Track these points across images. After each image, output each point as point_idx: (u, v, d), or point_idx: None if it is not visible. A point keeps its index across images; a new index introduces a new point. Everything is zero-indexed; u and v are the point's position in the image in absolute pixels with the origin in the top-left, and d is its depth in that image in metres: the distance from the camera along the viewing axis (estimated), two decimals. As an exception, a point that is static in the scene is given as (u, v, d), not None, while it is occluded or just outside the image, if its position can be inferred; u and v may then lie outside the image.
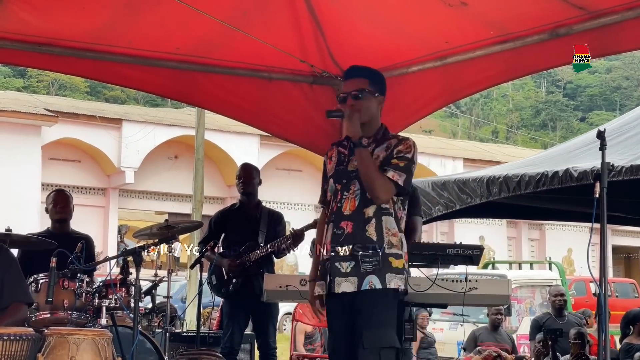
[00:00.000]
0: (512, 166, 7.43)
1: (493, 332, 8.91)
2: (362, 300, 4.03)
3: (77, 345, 3.82)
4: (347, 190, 4.19)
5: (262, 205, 6.58)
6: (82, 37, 6.19)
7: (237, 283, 6.18)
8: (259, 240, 6.29)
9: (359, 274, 4.05)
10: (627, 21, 5.08)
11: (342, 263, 4.08)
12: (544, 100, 59.49)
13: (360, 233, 4.10)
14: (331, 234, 4.17)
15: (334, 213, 4.21)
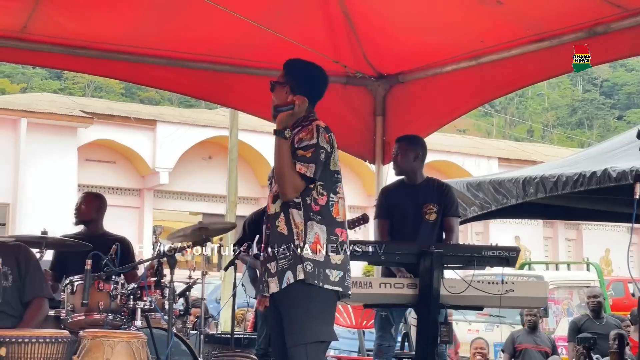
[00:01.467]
0: (548, 166, 7.35)
1: (532, 333, 8.79)
2: (282, 298, 3.94)
3: (112, 347, 3.83)
4: (270, 190, 4.11)
5: None
6: (117, 40, 6.24)
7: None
8: None
9: (279, 272, 3.94)
10: (666, 19, 5.01)
11: (271, 263, 4.00)
12: (580, 98, 58.89)
13: (274, 230, 4.00)
14: (265, 236, 4.11)
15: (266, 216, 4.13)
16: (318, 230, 3.94)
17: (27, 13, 5.68)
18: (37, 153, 23.04)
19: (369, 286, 5.08)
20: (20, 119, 23.02)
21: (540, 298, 5.26)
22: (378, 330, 5.77)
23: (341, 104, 7.06)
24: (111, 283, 4.97)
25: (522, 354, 8.72)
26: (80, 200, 6.18)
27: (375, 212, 5.87)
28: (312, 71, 4.29)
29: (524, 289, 5.17)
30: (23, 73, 46.91)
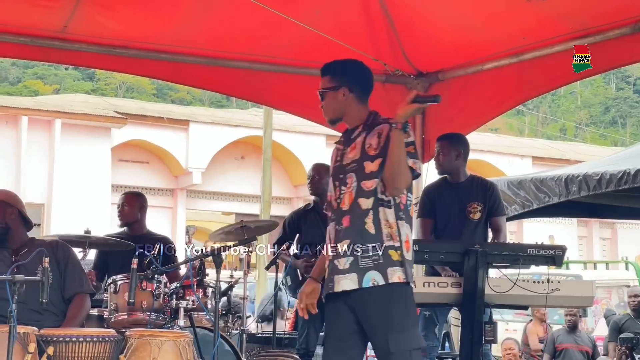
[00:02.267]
0: (591, 165, 7.27)
1: (572, 333, 8.70)
2: (363, 297, 3.81)
3: (158, 346, 3.82)
4: (344, 185, 3.96)
5: None
6: (157, 39, 6.24)
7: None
8: None
9: (359, 270, 3.81)
10: None
11: (340, 259, 3.87)
12: (614, 96, 58.33)
13: (358, 227, 3.87)
14: (333, 232, 3.96)
15: (334, 211, 3.99)
16: (407, 230, 3.92)
17: (67, 13, 5.70)
18: (71, 154, 23.21)
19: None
20: (54, 120, 23.20)
21: (587, 297, 5.19)
22: (422, 330, 5.71)
23: (380, 102, 6.94)
24: (154, 282, 4.97)
25: (562, 354, 8.63)
26: (122, 202, 6.17)
27: (417, 211, 5.83)
28: (359, 65, 4.25)
29: (570, 288, 5.11)
30: (56, 74, 47.33)
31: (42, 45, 6.02)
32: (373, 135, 3.96)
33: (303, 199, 6.62)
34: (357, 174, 3.93)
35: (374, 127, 3.99)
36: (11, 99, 25.76)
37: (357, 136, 4.01)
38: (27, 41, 5.95)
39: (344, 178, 3.97)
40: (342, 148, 4.07)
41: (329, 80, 4.15)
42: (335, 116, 4.11)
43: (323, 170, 6.43)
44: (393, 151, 3.81)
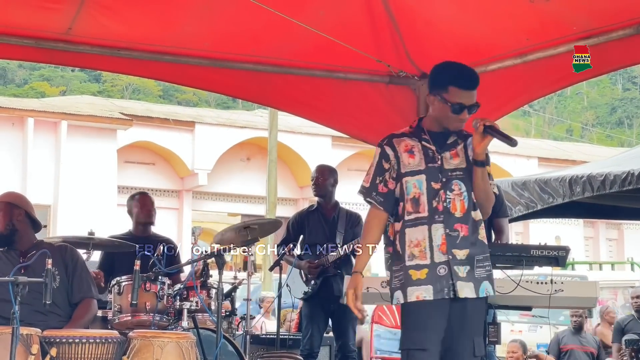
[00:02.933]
0: (595, 166, 7.25)
1: (577, 334, 8.69)
2: (475, 307, 3.92)
3: (161, 348, 3.83)
4: (450, 191, 3.96)
5: (340, 206, 6.51)
6: (161, 41, 6.25)
7: (316, 285, 6.15)
8: (336, 242, 6.22)
9: (474, 279, 3.91)
10: None
11: (459, 267, 3.90)
12: (620, 97, 58.23)
13: (475, 236, 3.95)
14: (444, 235, 3.92)
15: (439, 213, 3.94)
16: None
17: (71, 15, 5.71)
18: (78, 155, 23.27)
19: (415, 286, 5.02)
20: (60, 122, 23.26)
21: (590, 298, 5.19)
22: (424, 331, 5.72)
23: (384, 104, 7.01)
24: (158, 284, 4.98)
25: (567, 355, 8.62)
26: (144, 202, 6.22)
27: None
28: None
29: (573, 289, 5.10)
30: (62, 76, 47.44)
31: (46, 47, 6.02)
32: (469, 147, 4.04)
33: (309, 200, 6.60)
34: (465, 184, 4.00)
35: (465, 137, 4.07)
36: (17, 101, 25.84)
37: (455, 143, 4.05)
38: (31, 43, 5.95)
39: (448, 183, 3.97)
40: (435, 150, 4.04)
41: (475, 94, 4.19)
42: None
43: (327, 172, 6.45)
44: (480, 185, 3.96)
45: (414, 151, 4.04)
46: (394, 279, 3.98)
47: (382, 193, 4.05)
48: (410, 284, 3.88)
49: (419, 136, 4.08)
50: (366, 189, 4.12)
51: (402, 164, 4.02)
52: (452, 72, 4.13)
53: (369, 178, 4.13)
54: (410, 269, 3.90)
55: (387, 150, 4.09)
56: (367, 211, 4.15)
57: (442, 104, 4.00)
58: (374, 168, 4.12)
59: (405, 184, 3.99)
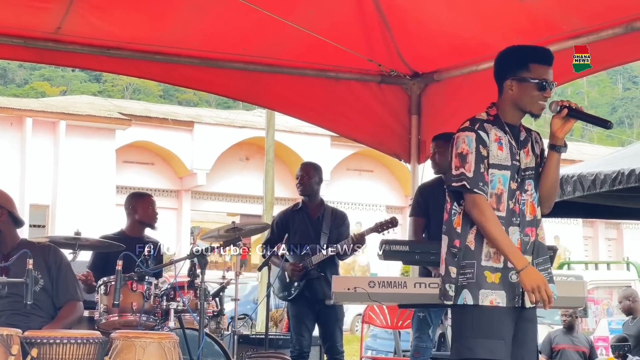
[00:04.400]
0: (587, 165, 7.23)
1: (569, 334, 8.66)
2: (535, 316, 3.79)
3: (143, 348, 3.82)
4: (524, 192, 3.75)
5: (326, 204, 6.40)
6: (151, 40, 6.24)
7: (299, 286, 6.07)
8: (320, 242, 6.13)
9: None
10: None
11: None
12: (621, 97, 58.20)
13: (539, 240, 3.79)
14: (519, 240, 3.69)
15: (515, 215, 3.70)
16: None
17: (60, 14, 5.70)
18: (76, 155, 23.27)
19: (403, 286, 5.00)
20: (59, 121, 23.27)
21: (579, 298, 5.15)
22: (416, 331, 5.72)
23: (376, 103, 7.02)
24: (144, 284, 4.97)
25: (559, 355, 8.61)
26: (150, 203, 6.12)
27: (410, 210, 5.81)
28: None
29: (562, 288, 5.04)
30: (62, 76, 47.43)
31: (35, 47, 6.02)
32: (536, 142, 3.87)
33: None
34: (534, 183, 3.80)
35: (530, 132, 3.86)
36: (16, 101, 25.83)
37: (526, 140, 3.82)
38: (20, 42, 5.95)
39: (522, 183, 3.76)
40: (515, 146, 3.76)
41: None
42: None
43: (312, 170, 6.40)
44: (554, 173, 3.79)
45: (502, 143, 3.73)
46: (461, 275, 3.65)
47: (487, 183, 3.68)
48: (484, 286, 3.61)
49: (502, 127, 3.76)
50: (471, 179, 3.65)
51: (492, 154, 3.69)
52: (529, 50, 3.90)
53: (469, 166, 3.67)
54: (486, 269, 3.64)
55: (482, 135, 3.70)
56: (474, 203, 3.65)
57: (525, 85, 3.71)
58: (473, 155, 3.67)
59: (490, 177, 3.69)
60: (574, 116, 3.68)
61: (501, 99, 3.81)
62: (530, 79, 3.70)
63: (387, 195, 28.97)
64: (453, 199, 3.80)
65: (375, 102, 7.00)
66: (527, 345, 3.73)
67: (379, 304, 6.38)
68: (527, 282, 3.55)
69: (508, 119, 3.77)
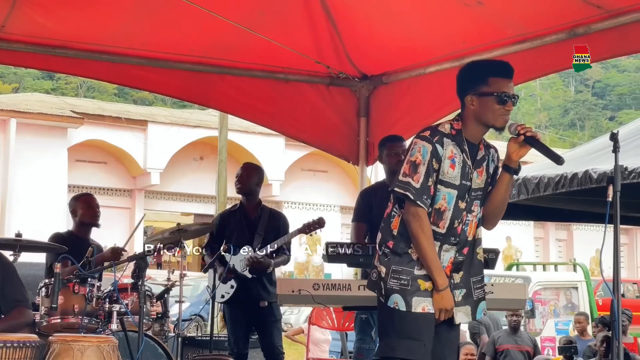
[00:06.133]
0: (532, 168, 7.31)
1: (513, 334, 8.77)
2: (458, 333, 3.90)
3: (81, 352, 3.78)
4: (470, 212, 3.76)
5: (264, 205, 6.35)
6: (97, 40, 6.18)
7: (234, 289, 6.02)
8: (254, 244, 6.07)
9: (472, 302, 3.80)
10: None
11: (456, 291, 3.74)
12: (573, 99, 58.98)
13: (472, 258, 3.81)
14: (452, 259, 3.74)
15: (456, 235, 3.73)
16: None
17: (5, 12, 5.63)
18: (27, 153, 23.00)
19: (347, 288, 5.04)
20: (9, 119, 22.98)
21: (520, 300, 5.21)
22: (358, 333, 5.73)
23: (325, 105, 7.03)
24: (87, 286, 4.92)
25: (503, 355, 8.70)
26: (91, 203, 6.11)
27: (353, 215, 5.81)
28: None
29: (503, 291, 5.12)
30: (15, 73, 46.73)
31: (-22, 45, 5.94)
32: (492, 161, 3.85)
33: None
34: (480, 204, 3.81)
35: (489, 150, 3.86)
36: (-35, 98, 25.45)
37: (482, 159, 3.81)
38: (-38, 41, 5.87)
39: (470, 204, 3.76)
40: (470, 165, 3.76)
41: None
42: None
43: (252, 170, 6.36)
44: (504, 193, 3.82)
45: (456, 161, 3.71)
46: (392, 279, 3.68)
47: (430, 196, 3.68)
48: (418, 294, 3.65)
49: (461, 145, 3.74)
50: (417, 190, 3.66)
51: (442, 170, 3.69)
52: (488, 65, 3.94)
53: (418, 177, 3.67)
54: (419, 278, 3.67)
55: (439, 149, 3.69)
56: (415, 215, 3.66)
57: (485, 99, 3.69)
58: (424, 167, 3.67)
59: (436, 192, 3.69)
60: (530, 144, 3.69)
61: (464, 114, 3.81)
62: (490, 93, 3.70)
63: (341, 195, 29.04)
64: (395, 201, 3.83)
65: (324, 104, 7.01)
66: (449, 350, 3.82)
67: (326, 307, 6.39)
68: (440, 303, 3.67)
69: (470, 134, 3.78)
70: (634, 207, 7.08)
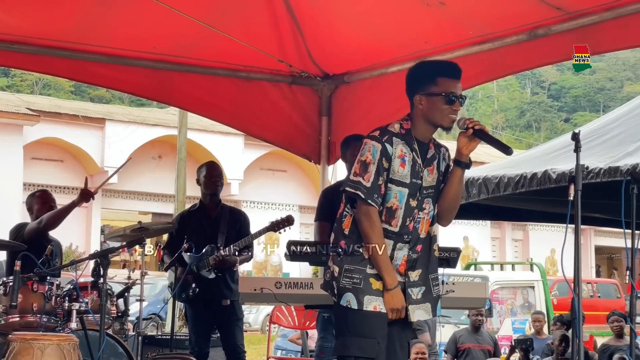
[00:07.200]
0: (491, 167, 7.38)
1: (474, 333, 8.85)
2: (410, 329, 3.95)
3: (41, 350, 3.74)
4: (422, 210, 3.80)
5: (223, 204, 6.33)
6: (57, 36, 6.10)
7: (196, 288, 5.99)
8: (218, 243, 6.05)
9: (432, 299, 3.83)
10: (606, 22, 5.05)
11: (413, 289, 3.79)
12: (529, 101, 59.62)
13: (430, 255, 3.85)
14: (406, 257, 3.77)
15: (408, 232, 3.77)
16: None
17: (-39, 7, 5.54)
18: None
19: (309, 287, 5.05)
20: (-37, 117, 22.64)
21: (480, 299, 5.26)
22: (320, 332, 5.73)
23: (286, 104, 7.02)
24: (46, 284, 4.87)
25: (464, 354, 8.77)
26: (47, 199, 6.09)
27: (315, 214, 5.81)
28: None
29: (464, 289, 5.17)
30: (-31, 69, 46.06)
31: None
32: (443, 160, 3.89)
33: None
34: (433, 201, 3.85)
35: (439, 149, 3.90)
36: None
37: (433, 157, 3.86)
38: None
39: (421, 202, 3.80)
40: (420, 164, 3.80)
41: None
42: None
43: (219, 169, 6.36)
44: (456, 188, 3.85)
45: (406, 160, 3.75)
46: (345, 278, 3.72)
47: (381, 195, 3.72)
48: (369, 292, 3.68)
49: (411, 144, 3.78)
50: (367, 189, 3.70)
51: (393, 169, 3.73)
52: (436, 65, 4.00)
53: (369, 177, 3.71)
54: (371, 277, 3.70)
55: (389, 148, 3.73)
56: (366, 214, 3.71)
57: (433, 99, 3.74)
58: (374, 166, 3.71)
59: (387, 191, 3.73)
60: (479, 137, 3.73)
61: (413, 114, 3.86)
62: (438, 93, 3.75)
63: (300, 195, 29.05)
64: (346, 201, 3.86)
65: (286, 103, 7.01)
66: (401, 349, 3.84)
67: (286, 305, 6.39)
68: (391, 302, 3.69)
69: (419, 134, 3.82)
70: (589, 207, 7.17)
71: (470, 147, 3.76)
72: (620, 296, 23.42)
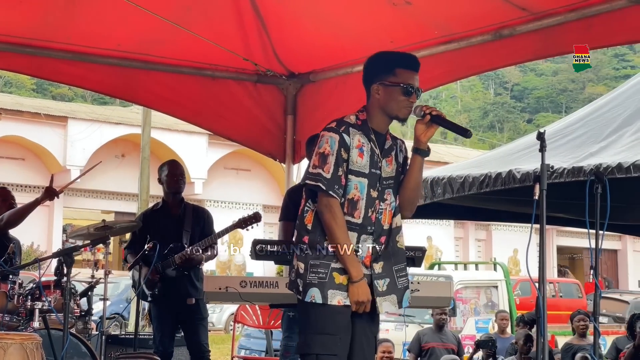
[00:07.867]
0: (456, 167, 7.41)
1: (438, 332, 8.90)
2: (378, 321, 3.89)
3: (4, 349, 3.69)
4: (383, 201, 3.78)
5: (186, 202, 6.29)
6: (19, 32, 6.03)
7: (161, 288, 5.95)
8: (183, 241, 6.01)
9: (397, 290, 3.80)
10: (570, 23, 5.09)
11: (379, 281, 3.76)
12: (492, 102, 60.09)
13: (394, 246, 3.82)
14: (370, 248, 3.74)
15: (371, 224, 3.75)
16: None
17: None
18: (-59, 149, 22.37)
19: (275, 286, 5.02)
20: None
21: (445, 298, 5.28)
22: (285, 331, 5.72)
23: (252, 103, 7.01)
24: (8, 283, 4.81)
25: (428, 353, 8.82)
26: (10, 198, 6.00)
27: (280, 213, 5.79)
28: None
29: (429, 288, 5.18)
30: None
31: None
32: (400, 152, 3.87)
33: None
34: (394, 192, 3.83)
35: (396, 140, 3.88)
36: None
37: (390, 148, 3.84)
38: None
39: (382, 192, 3.78)
40: (378, 154, 3.78)
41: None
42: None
43: (181, 167, 6.33)
44: (416, 177, 3.81)
45: (364, 150, 3.72)
46: (311, 273, 3.68)
47: (342, 186, 3.69)
48: (332, 287, 3.66)
49: (368, 134, 3.76)
50: (328, 180, 3.66)
51: (351, 160, 3.70)
52: (396, 56, 3.92)
53: (328, 168, 3.67)
54: (335, 271, 3.67)
55: (346, 138, 3.69)
56: (327, 205, 3.67)
57: (391, 89, 3.72)
58: (333, 157, 3.68)
59: (347, 182, 3.71)
60: (437, 122, 3.73)
61: (369, 104, 3.83)
62: (396, 84, 3.73)
63: (264, 194, 29.01)
64: (308, 196, 3.82)
65: (251, 102, 6.99)
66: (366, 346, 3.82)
67: (251, 304, 6.36)
68: (355, 295, 3.66)
69: (375, 124, 3.80)
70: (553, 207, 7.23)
71: (429, 134, 3.76)
72: (582, 296, 23.66)
